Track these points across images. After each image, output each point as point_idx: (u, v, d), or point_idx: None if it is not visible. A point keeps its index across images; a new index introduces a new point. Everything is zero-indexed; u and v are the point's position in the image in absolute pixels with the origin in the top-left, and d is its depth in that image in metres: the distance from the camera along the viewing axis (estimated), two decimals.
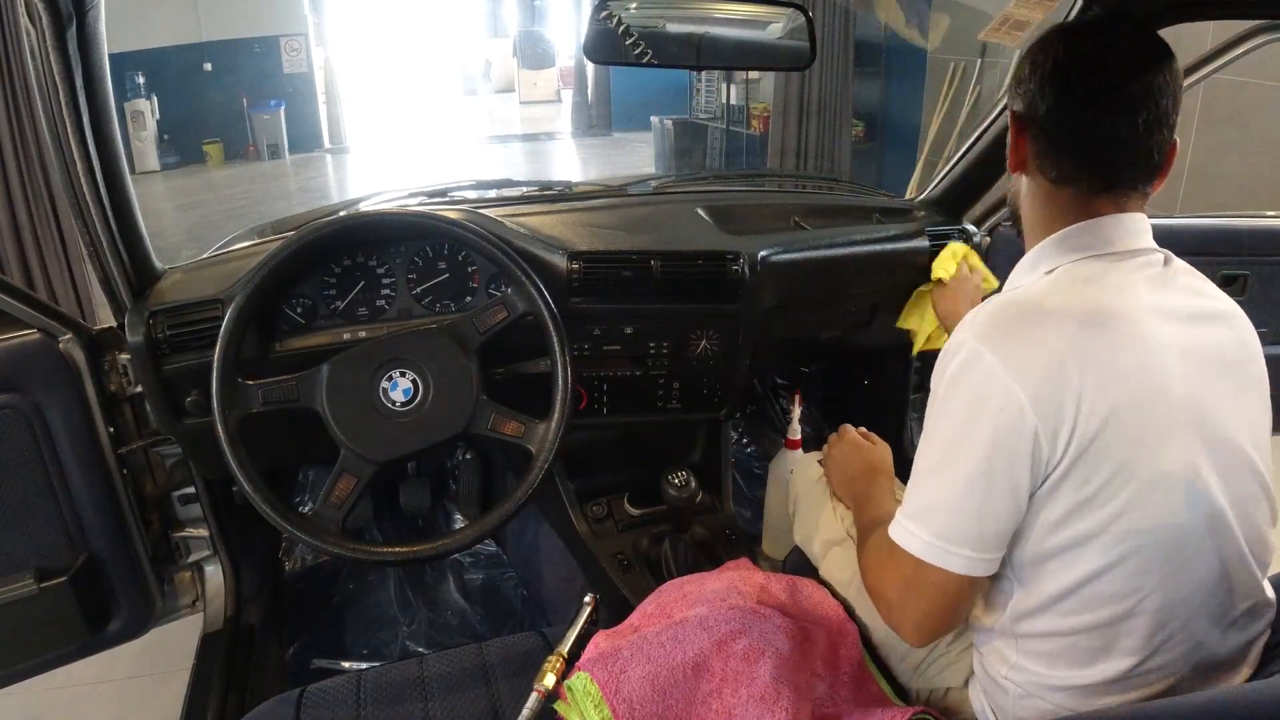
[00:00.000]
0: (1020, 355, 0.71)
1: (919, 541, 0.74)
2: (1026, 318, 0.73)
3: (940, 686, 0.92)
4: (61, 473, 1.17)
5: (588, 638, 0.92)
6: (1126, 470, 0.70)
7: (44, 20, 0.93)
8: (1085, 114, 0.75)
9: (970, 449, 0.72)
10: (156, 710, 1.53)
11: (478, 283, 1.26)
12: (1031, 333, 0.72)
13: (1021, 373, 0.70)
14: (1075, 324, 0.71)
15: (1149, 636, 0.73)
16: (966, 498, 0.72)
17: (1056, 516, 0.72)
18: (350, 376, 1.06)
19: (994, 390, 0.70)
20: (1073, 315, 0.72)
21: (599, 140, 9.69)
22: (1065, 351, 0.70)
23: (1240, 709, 0.59)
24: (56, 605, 1.17)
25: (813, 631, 0.95)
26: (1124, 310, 0.72)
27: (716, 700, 0.85)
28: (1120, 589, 0.72)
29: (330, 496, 1.03)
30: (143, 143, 7.48)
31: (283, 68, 8.45)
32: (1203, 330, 0.75)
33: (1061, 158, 0.78)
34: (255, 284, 1.05)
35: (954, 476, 0.73)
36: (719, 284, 1.28)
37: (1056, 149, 0.78)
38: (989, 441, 0.70)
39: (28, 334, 1.13)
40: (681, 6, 1.37)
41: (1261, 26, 1.24)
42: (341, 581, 1.71)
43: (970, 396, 0.72)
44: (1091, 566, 0.72)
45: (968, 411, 0.72)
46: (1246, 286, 1.54)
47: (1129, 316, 0.72)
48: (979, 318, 0.75)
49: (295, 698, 0.96)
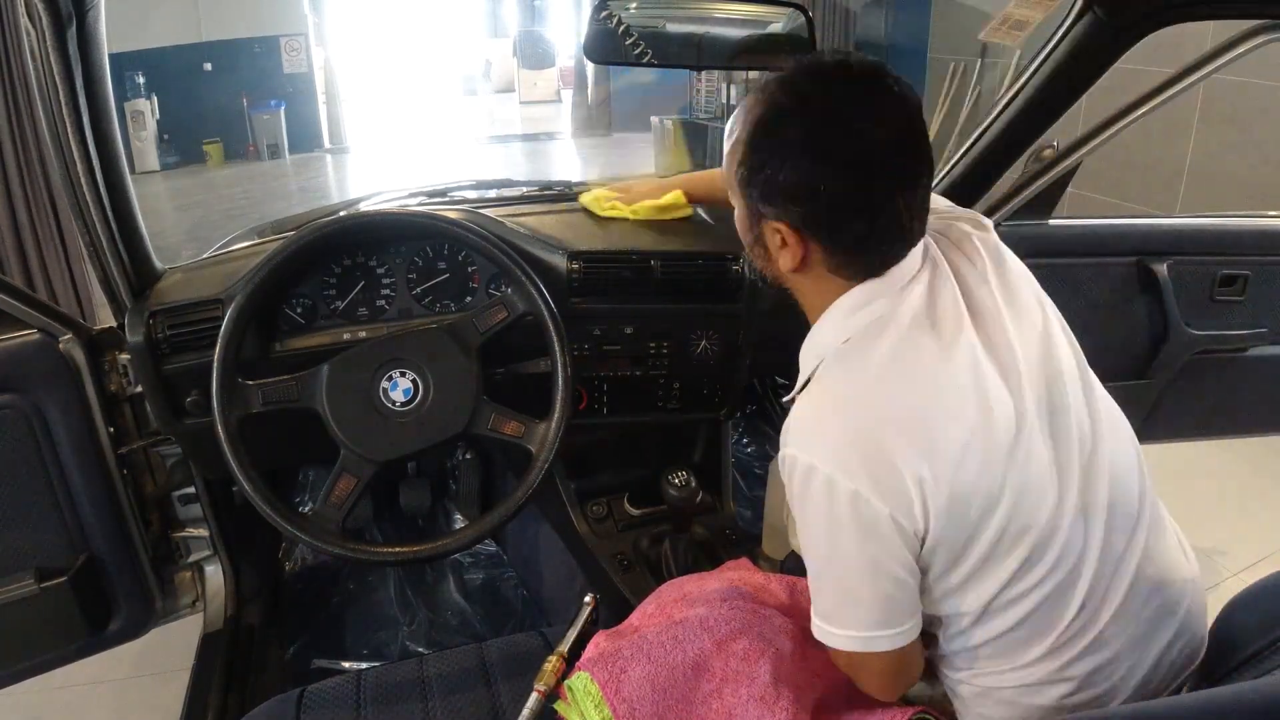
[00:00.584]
0: (860, 469, 0.71)
1: (841, 639, 0.77)
2: (854, 429, 0.73)
3: (937, 693, 0.92)
4: (61, 473, 1.17)
5: (588, 637, 0.92)
6: (990, 498, 0.72)
7: (44, 20, 0.93)
8: (860, 191, 0.72)
9: (843, 557, 0.74)
10: (156, 710, 1.53)
11: (478, 283, 1.26)
12: (865, 447, 0.71)
13: (863, 481, 0.70)
14: (892, 421, 0.72)
15: (1071, 618, 0.77)
16: (861, 591, 0.74)
17: (942, 566, 0.75)
18: (350, 376, 1.06)
19: (842, 505, 0.71)
20: (888, 409, 0.72)
21: (599, 140, 9.67)
22: (895, 450, 0.70)
23: (1240, 709, 0.59)
24: (56, 605, 1.17)
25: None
26: (923, 371, 0.73)
27: (716, 700, 0.85)
28: (1026, 588, 0.75)
29: (330, 496, 1.03)
30: (143, 143, 7.47)
31: (283, 68, 8.44)
32: (979, 295, 0.77)
33: (855, 256, 0.76)
34: (255, 284, 1.05)
35: (842, 578, 0.76)
36: (719, 284, 1.28)
37: (853, 250, 0.76)
38: (856, 547, 0.73)
39: (28, 334, 1.13)
40: (681, 6, 1.37)
41: (1261, 26, 1.24)
42: (341, 581, 1.71)
43: (823, 518, 0.73)
44: (999, 579, 0.75)
45: (827, 529, 0.74)
46: (1246, 286, 1.54)
47: (930, 377, 0.73)
48: (814, 438, 0.74)
49: (295, 698, 0.96)
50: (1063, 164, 1.49)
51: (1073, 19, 1.17)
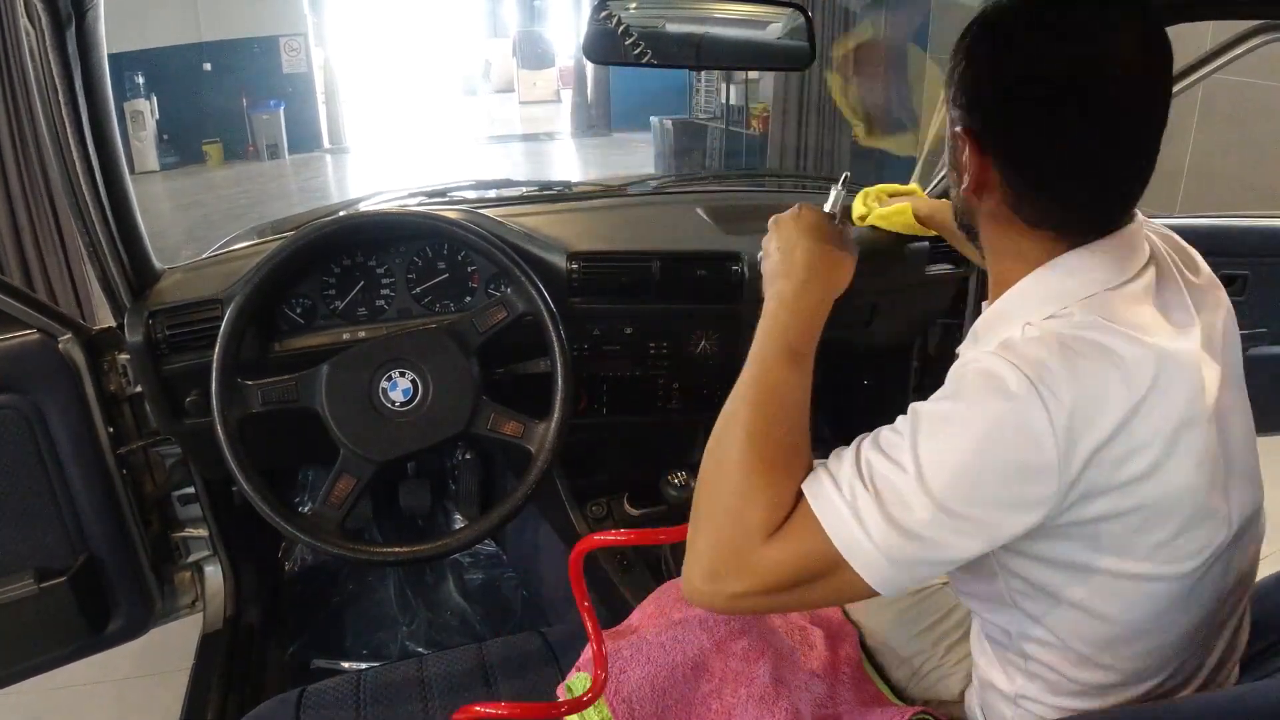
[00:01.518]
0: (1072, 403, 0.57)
1: (839, 522, 0.62)
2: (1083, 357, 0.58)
3: (936, 697, 0.91)
4: (61, 473, 1.17)
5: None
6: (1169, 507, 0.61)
7: (43, 21, 0.93)
8: (1088, 147, 0.59)
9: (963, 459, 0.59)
10: (156, 710, 1.52)
11: (477, 283, 1.26)
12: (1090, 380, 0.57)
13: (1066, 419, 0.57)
14: (1139, 378, 0.58)
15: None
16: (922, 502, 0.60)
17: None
18: (350, 376, 1.06)
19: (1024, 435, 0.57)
20: (1137, 366, 0.58)
21: (599, 140, 9.68)
22: (1126, 406, 0.57)
23: (1240, 709, 0.59)
24: (56, 605, 1.17)
25: (812, 632, 0.95)
26: (1170, 352, 0.60)
27: (716, 700, 0.85)
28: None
29: (330, 497, 1.03)
30: (142, 143, 7.48)
31: (282, 68, 8.44)
32: (1212, 323, 0.67)
33: (1043, 202, 0.62)
34: (255, 284, 1.05)
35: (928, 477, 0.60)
36: (719, 285, 1.28)
37: (1036, 188, 0.62)
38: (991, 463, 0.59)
39: (27, 334, 1.13)
40: (681, 6, 1.37)
41: (1261, 26, 1.24)
42: (341, 582, 1.71)
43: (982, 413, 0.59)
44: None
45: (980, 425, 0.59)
46: (1246, 286, 1.54)
47: (1174, 362, 0.59)
48: (1029, 349, 0.59)
49: (295, 698, 0.96)
50: None
51: None
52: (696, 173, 5.68)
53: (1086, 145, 0.60)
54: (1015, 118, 0.61)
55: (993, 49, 0.62)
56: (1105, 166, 0.61)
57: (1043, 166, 0.62)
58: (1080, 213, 0.63)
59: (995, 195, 0.64)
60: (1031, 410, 0.57)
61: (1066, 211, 0.63)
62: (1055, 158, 0.61)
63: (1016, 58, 0.61)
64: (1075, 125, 0.59)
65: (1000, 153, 0.63)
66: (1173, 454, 0.59)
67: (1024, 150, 0.62)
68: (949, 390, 0.62)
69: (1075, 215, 0.63)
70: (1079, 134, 0.60)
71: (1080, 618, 0.65)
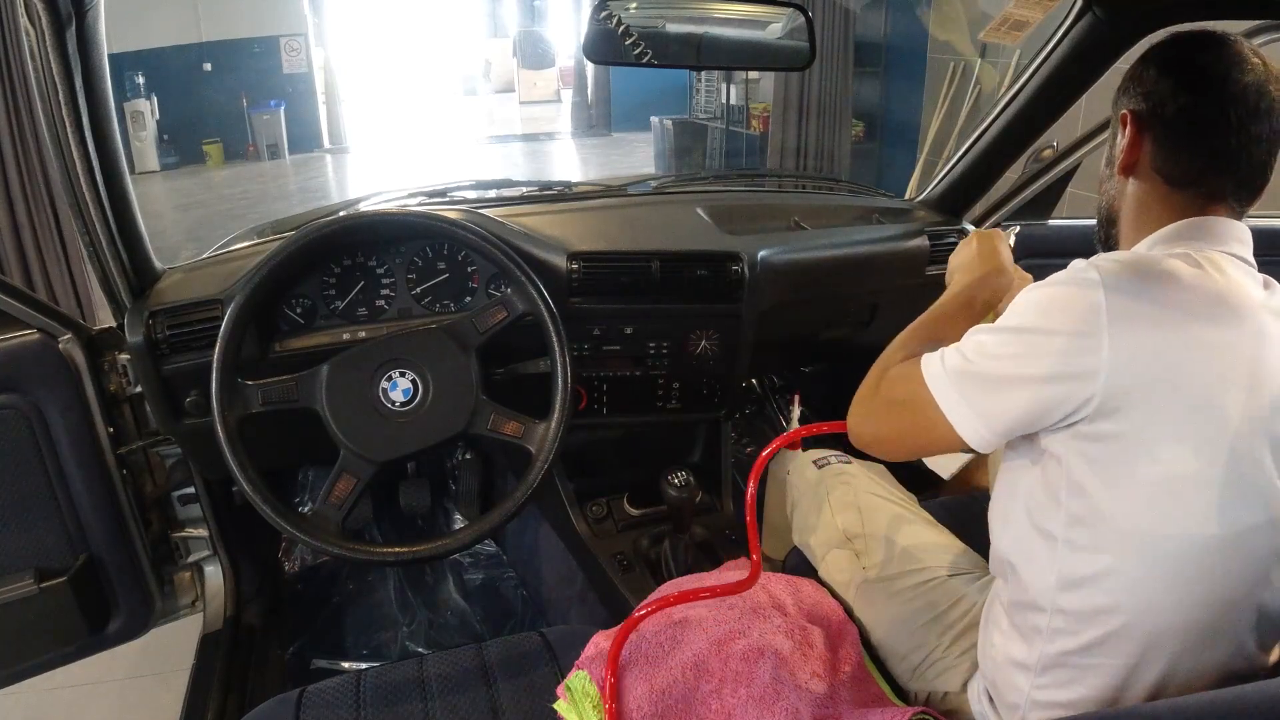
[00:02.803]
0: (1137, 324, 0.67)
1: (940, 367, 0.77)
2: (1160, 283, 0.69)
3: (939, 690, 0.92)
4: (61, 473, 1.17)
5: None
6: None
7: (43, 20, 0.93)
8: (1223, 116, 0.73)
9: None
10: (156, 710, 1.52)
11: (478, 283, 1.26)
12: (1156, 305, 0.68)
13: (1122, 335, 0.67)
14: (1201, 304, 0.68)
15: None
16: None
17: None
18: (350, 376, 1.06)
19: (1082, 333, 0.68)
20: (1203, 293, 0.69)
21: (599, 140, 9.68)
22: (1174, 337, 0.67)
23: (1240, 709, 0.59)
24: (56, 605, 1.17)
25: (812, 631, 0.95)
26: (1242, 302, 0.69)
27: (715, 700, 0.85)
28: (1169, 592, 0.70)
29: (330, 496, 1.03)
30: (142, 143, 7.48)
31: (282, 68, 8.44)
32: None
33: (1184, 156, 0.76)
34: (255, 284, 1.05)
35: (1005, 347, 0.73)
36: (719, 284, 1.28)
37: (1181, 148, 0.76)
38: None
39: (27, 334, 1.13)
40: (681, 6, 1.37)
41: (1261, 26, 1.24)
42: (341, 582, 1.71)
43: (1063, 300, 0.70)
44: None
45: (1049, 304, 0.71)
46: None
47: (1247, 308, 0.69)
48: (1110, 265, 0.71)
49: (295, 698, 0.96)
50: (1063, 164, 1.49)
51: (1073, 19, 1.17)
52: (696, 173, 5.68)
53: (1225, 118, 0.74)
54: (1174, 95, 0.77)
55: (1166, 54, 0.79)
56: (1214, 137, 0.75)
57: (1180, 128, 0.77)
58: (1215, 168, 0.76)
59: (1146, 163, 0.78)
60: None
61: (1204, 167, 0.76)
62: (1201, 125, 0.76)
63: (1181, 57, 0.77)
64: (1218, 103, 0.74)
65: (1155, 122, 0.78)
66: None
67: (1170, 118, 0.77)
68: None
69: (1212, 171, 0.76)
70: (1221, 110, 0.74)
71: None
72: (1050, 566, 0.73)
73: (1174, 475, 0.68)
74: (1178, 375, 0.67)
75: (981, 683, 0.86)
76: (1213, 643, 0.71)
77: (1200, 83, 0.75)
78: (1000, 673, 0.81)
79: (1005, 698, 0.80)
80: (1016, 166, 1.48)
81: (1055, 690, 0.76)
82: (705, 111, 6.86)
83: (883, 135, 5.39)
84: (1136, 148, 0.79)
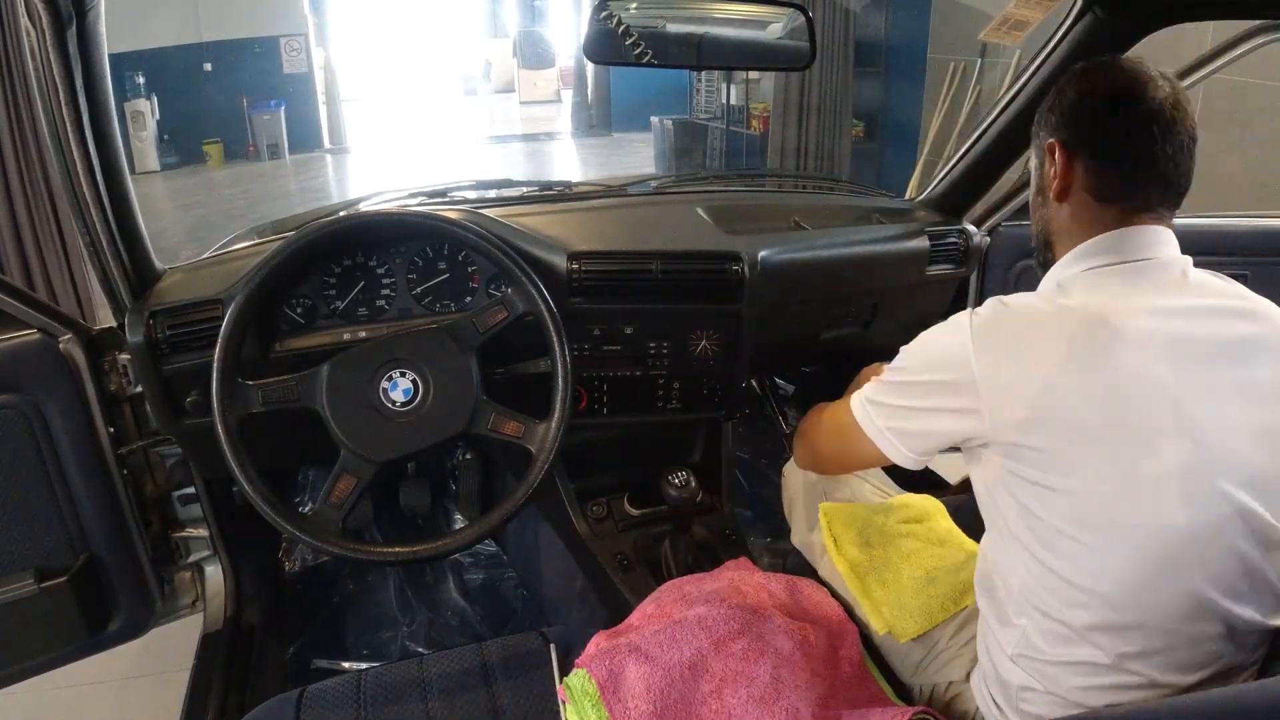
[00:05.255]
0: (1002, 364, 0.76)
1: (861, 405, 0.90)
2: (1022, 324, 0.78)
3: (942, 681, 0.92)
4: (61, 473, 1.17)
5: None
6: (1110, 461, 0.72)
7: (44, 20, 0.93)
8: (1146, 131, 0.79)
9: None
10: (156, 710, 1.52)
11: (478, 283, 1.26)
12: (1019, 344, 0.76)
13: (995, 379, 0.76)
14: (1066, 334, 0.75)
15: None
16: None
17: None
18: (350, 376, 1.06)
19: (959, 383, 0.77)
20: (1065, 323, 0.75)
21: (599, 140, 9.69)
22: (1051, 367, 0.73)
23: (1240, 709, 0.59)
24: (56, 605, 1.17)
25: (812, 631, 0.95)
26: (1117, 312, 0.75)
27: (716, 700, 0.85)
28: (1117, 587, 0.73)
29: (330, 496, 1.02)
30: (143, 143, 7.48)
31: (282, 68, 8.45)
32: (1211, 323, 0.77)
33: (1112, 173, 0.81)
34: (255, 284, 1.05)
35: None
36: (719, 285, 1.28)
37: (1109, 166, 0.81)
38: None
39: (28, 334, 1.13)
40: (681, 6, 1.37)
41: (1261, 26, 1.24)
42: (341, 581, 1.71)
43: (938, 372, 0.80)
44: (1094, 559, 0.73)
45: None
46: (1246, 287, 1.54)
47: (1118, 319, 0.74)
48: (982, 312, 0.80)
49: (295, 698, 0.96)
50: None
51: (1073, 19, 1.17)
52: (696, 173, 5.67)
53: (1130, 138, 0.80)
54: (1095, 120, 0.83)
55: (1081, 84, 0.84)
56: (1140, 151, 0.80)
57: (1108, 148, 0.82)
58: (1137, 182, 0.81)
59: (1079, 185, 0.83)
60: None
61: (1129, 183, 0.81)
62: (1115, 143, 0.81)
63: (1098, 86, 0.83)
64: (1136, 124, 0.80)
65: (1084, 147, 0.83)
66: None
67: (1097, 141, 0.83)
68: None
69: (1135, 185, 0.81)
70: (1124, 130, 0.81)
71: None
72: (1019, 559, 0.78)
73: (1113, 476, 0.72)
74: (1073, 397, 0.73)
75: (983, 672, 0.86)
76: (1192, 631, 0.73)
77: (1120, 104, 0.80)
78: (1000, 663, 0.82)
79: (1007, 686, 0.82)
80: (1017, 166, 1.48)
81: (1051, 678, 0.78)
82: (705, 112, 6.86)
83: (883, 135, 5.40)
84: (1069, 173, 0.83)
